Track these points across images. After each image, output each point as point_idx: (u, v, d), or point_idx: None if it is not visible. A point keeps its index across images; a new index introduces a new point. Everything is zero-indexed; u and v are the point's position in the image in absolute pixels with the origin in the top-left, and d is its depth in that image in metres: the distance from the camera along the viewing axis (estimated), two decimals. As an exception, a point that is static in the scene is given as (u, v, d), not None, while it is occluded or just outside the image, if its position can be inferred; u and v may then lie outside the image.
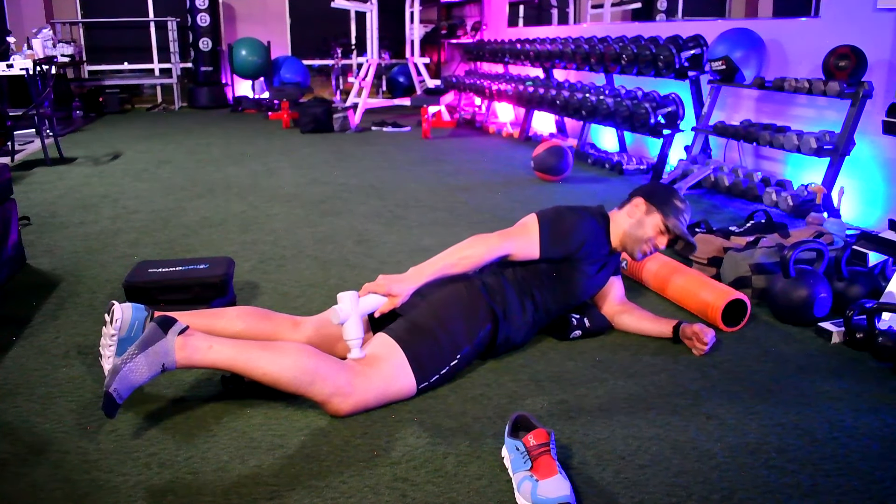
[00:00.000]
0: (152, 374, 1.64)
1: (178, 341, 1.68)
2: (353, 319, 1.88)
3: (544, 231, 2.12)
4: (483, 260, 2.05)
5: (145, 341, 1.65)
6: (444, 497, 1.52)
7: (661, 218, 2.20)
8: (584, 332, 2.30)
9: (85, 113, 8.90)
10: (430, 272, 1.98)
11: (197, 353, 1.69)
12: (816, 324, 2.38)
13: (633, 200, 2.25)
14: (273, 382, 1.74)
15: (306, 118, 7.30)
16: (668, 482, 1.57)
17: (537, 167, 4.85)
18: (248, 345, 1.77)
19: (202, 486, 1.55)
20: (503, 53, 7.60)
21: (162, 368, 1.66)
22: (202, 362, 1.71)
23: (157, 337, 1.66)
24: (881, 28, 3.61)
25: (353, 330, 1.88)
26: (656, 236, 2.21)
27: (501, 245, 2.08)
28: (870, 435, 1.77)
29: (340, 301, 1.89)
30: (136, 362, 1.61)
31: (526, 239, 2.13)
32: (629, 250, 2.24)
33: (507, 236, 2.11)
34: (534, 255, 2.13)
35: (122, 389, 1.58)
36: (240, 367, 1.73)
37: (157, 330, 1.67)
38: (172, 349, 1.67)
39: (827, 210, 3.61)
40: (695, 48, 4.74)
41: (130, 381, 1.60)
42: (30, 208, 4.03)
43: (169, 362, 1.66)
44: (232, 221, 3.82)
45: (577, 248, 2.15)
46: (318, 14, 10.06)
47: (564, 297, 2.21)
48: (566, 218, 2.16)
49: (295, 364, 1.74)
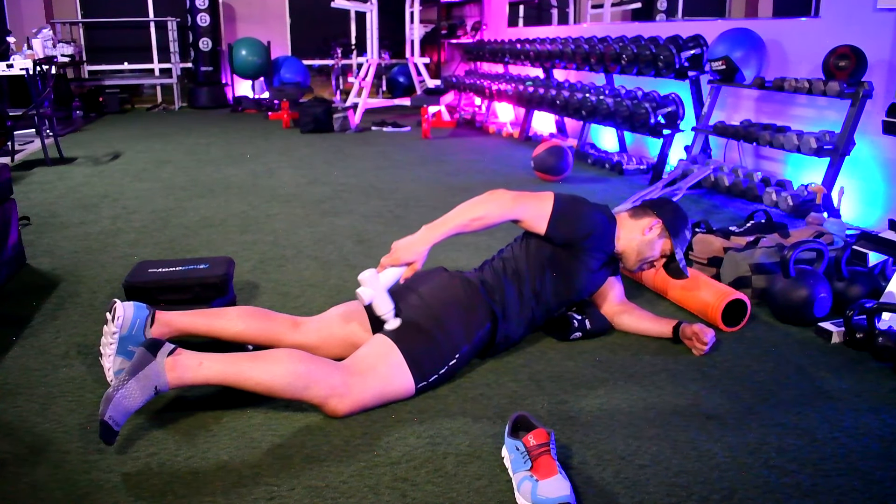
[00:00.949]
0: (146, 398, 1.64)
1: (167, 362, 1.68)
2: (379, 296, 1.95)
3: (557, 208, 2.12)
4: (495, 221, 2.06)
5: (135, 366, 1.65)
6: (444, 497, 1.52)
7: (671, 246, 2.24)
8: (584, 334, 2.31)
9: (85, 113, 8.90)
10: (442, 231, 2.02)
11: (188, 371, 1.70)
12: (816, 324, 2.38)
13: (651, 220, 2.24)
14: (268, 391, 1.75)
15: (306, 118, 7.30)
16: (668, 482, 1.57)
17: (537, 167, 4.85)
18: (237, 357, 1.77)
19: (202, 486, 1.55)
20: (503, 53, 7.60)
21: (155, 391, 1.66)
22: (194, 380, 1.71)
23: (146, 360, 1.66)
24: (881, 28, 3.61)
25: (383, 305, 1.95)
26: (659, 259, 2.27)
27: (514, 208, 2.08)
28: (870, 435, 1.77)
29: (362, 282, 1.95)
30: (128, 388, 1.61)
31: (538, 209, 2.11)
32: (629, 261, 2.25)
33: (521, 200, 2.10)
34: (540, 229, 2.12)
35: (117, 416, 1.59)
36: (232, 381, 1.73)
37: (145, 354, 1.67)
38: (163, 371, 1.67)
39: (827, 210, 3.61)
40: (695, 48, 4.74)
41: (125, 406, 1.61)
42: (30, 208, 4.03)
43: (161, 384, 1.67)
44: (232, 221, 3.82)
45: (584, 237, 2.14)
46: (318, 14, 10.07)
47: (565, 290, 2.21)
48: (581, 205, 2.18)
49: (287, 370, 1.74)
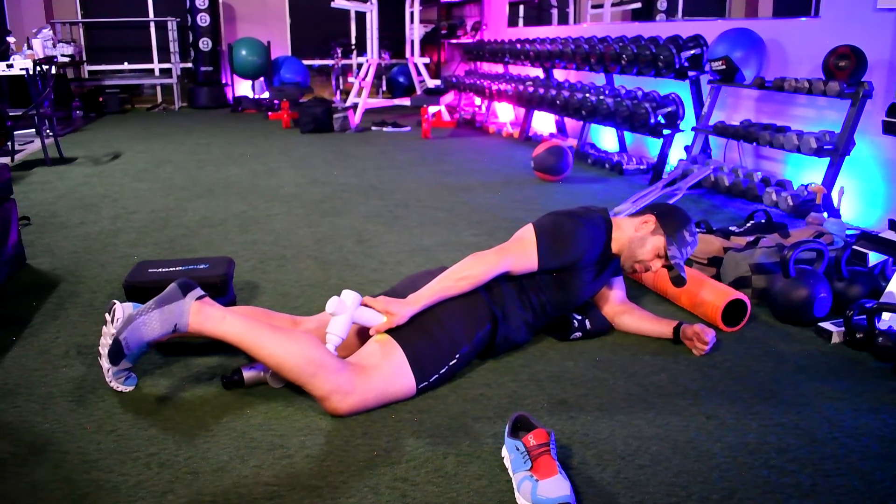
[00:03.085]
0: (164, 332, 1.65)
1: (194, 305, 1.70)
2: (343, 317, 1.88)
3: (542, 244, 2.09)
4: (481, 280, 2.01)
5: (163, 299, 1.66)
6: (444, 497, 1.52)
7: (664, 242, 2.17)
8: (584, 334, 2.30)
9: (85, 113, 8.90)
10: (427, 296, 1.96)
11: (210, 320, 1.70)
12: (816, 324, 2.38)
13: (646, 216, 2.22)
14: (277, 366, 1.74)
15: (306, 118, 7.30)
16: (668, 482, 1.57)
17: (537, 167, 4.85)
18: (260, 324, 1.78)
19: (202, 486, 1.55)
20: (503, 53, 7.60)
21: (174, 329, 1.66)
22: (213, 331, 1.71)
23: (175, 297, 1.68)
24: (881, 28, 3.61)
25: (339, 327, 1.87)
26: (652, 259, 2.18)
27: (500, 263, 2.04)
28: (870, 435, 1.77)
29: (343, 296, 1.90)
30: (150, 316, 1.63)
31: (523, 254, 2.09)
32: (623, 262, 2.22)
33: (505, 253, 2.07)
34: (532, 269, 2.10)
35: (130, 340, 1.59)
36: (248, 345, 1.73)
37: (176, 290, 1.69)
38: (188, 312, 1.68)
39: (827, 210, 3.61)
40: (695, 48, 4.74)
41: (141, 333, 1.61)
42: (30, 208, 4.03)
43: (182, 324, 1.67)
44: (232, 221, 3.82)
45: (577, 259, 2.12)
46: (318, 14, 10.07)
47: (564, 300, 2.20)
48: (564, 228, 2.11)
49: (302, 352, 1.74)
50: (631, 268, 2.22)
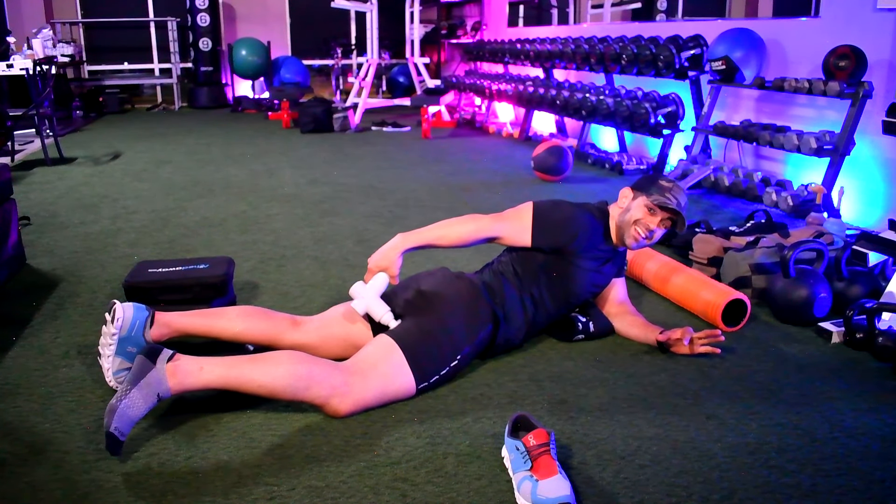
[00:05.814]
0: (149, 406, 1.64)
1: (168, 368, 1.68)
2: (372, 303, 2.02)
3: (537, 219, 2.13)
4: (471, 238, 2.10)
5: (136, 375, 1.64)
6: (444, 497, 1.52)
7: (644, 198, 2.17)
8: (587, 336, 2.30)
9: (85, 113, 8.89)
10: (415, 239, 2.07)
11: (189, 377, 1.69)
12: (816, 324, 2.38)
13: (622, 192, 2.25)
14: (269, 394, 1.75)
15: (306, 118, 7.30)
16: (668, 482, 1.57)
17: (537, 167, 4.85)
18: (238, 360, 1.77)
19: (202, 486, 1.55)
20: (503, 53, 7.60)
21: (157, 398, 1.66)
22: (195, 385, 1.70)
23: (146, 368, 1.66)
24: (881, 28, 3.61)
25: (377, 309, 2.01)
26: (644, 217, 2.16)
27: (492, 227, 2.12)
28: (870, 435, 1.77)
29: (353, 294, 2.04)
30: (130, 398, 1.61)
31: (518, 224, 2.14)
32: (624, 240, 2.20)
33: (500, 219, 2.15)
34: (525, 242, 2.14)
35: (122, 427, 1.58)
36: (233, 384, 1.73)
37: (145, 362, 1.67)
38: (164, 377, 1.67)
39: (827, 210, 3.61)
40: (695, 48, 4.74)
41: (129, 416, 1.60)
42: (30, 208, 4.03)
43: (163, 391, 1.66)
44: (232, 221, 3.82)
45: (570, 241, 2.14)
46: (318, 14, 10.06)
47: (564, 295, 2.20)
48: (562, 209, 2.18)
49: (288, 372, 1.74)
50: (633, 238, 2.17)
